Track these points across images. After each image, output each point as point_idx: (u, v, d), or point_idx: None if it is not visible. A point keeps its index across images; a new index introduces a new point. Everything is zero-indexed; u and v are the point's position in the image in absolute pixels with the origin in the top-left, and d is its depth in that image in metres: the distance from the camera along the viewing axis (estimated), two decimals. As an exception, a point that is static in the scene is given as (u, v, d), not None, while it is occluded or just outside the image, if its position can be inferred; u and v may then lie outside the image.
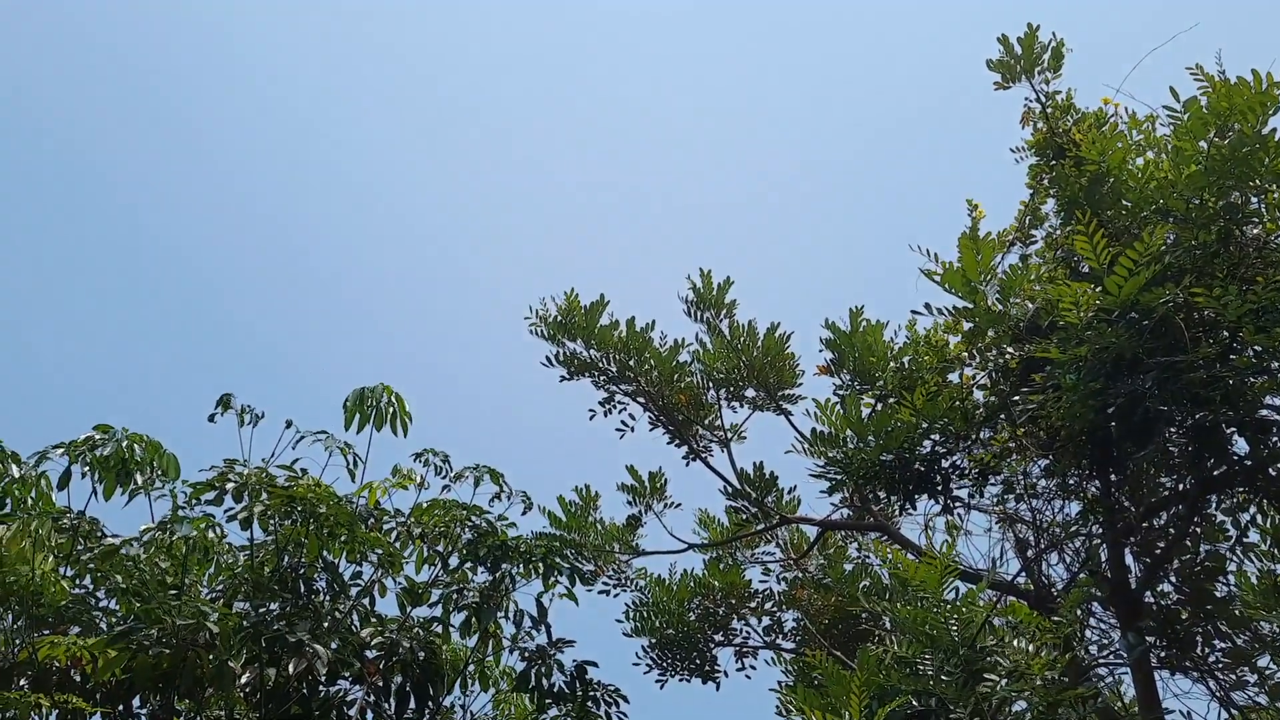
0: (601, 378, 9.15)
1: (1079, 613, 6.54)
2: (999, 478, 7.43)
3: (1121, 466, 6.85)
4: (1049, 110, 7.46)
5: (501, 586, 7.43)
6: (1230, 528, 6.74)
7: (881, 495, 7.66)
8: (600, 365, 9.07)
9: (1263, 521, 6.61)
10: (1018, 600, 6.80)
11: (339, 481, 7.20)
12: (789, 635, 9.18)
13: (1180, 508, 6.63)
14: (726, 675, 9.09)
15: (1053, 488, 7.32)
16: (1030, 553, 7.42)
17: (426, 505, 7.70)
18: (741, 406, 9.16)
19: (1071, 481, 7.22)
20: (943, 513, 7.52)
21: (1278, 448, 5.95)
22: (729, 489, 8.93)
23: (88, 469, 6.82)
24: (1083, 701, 5.24)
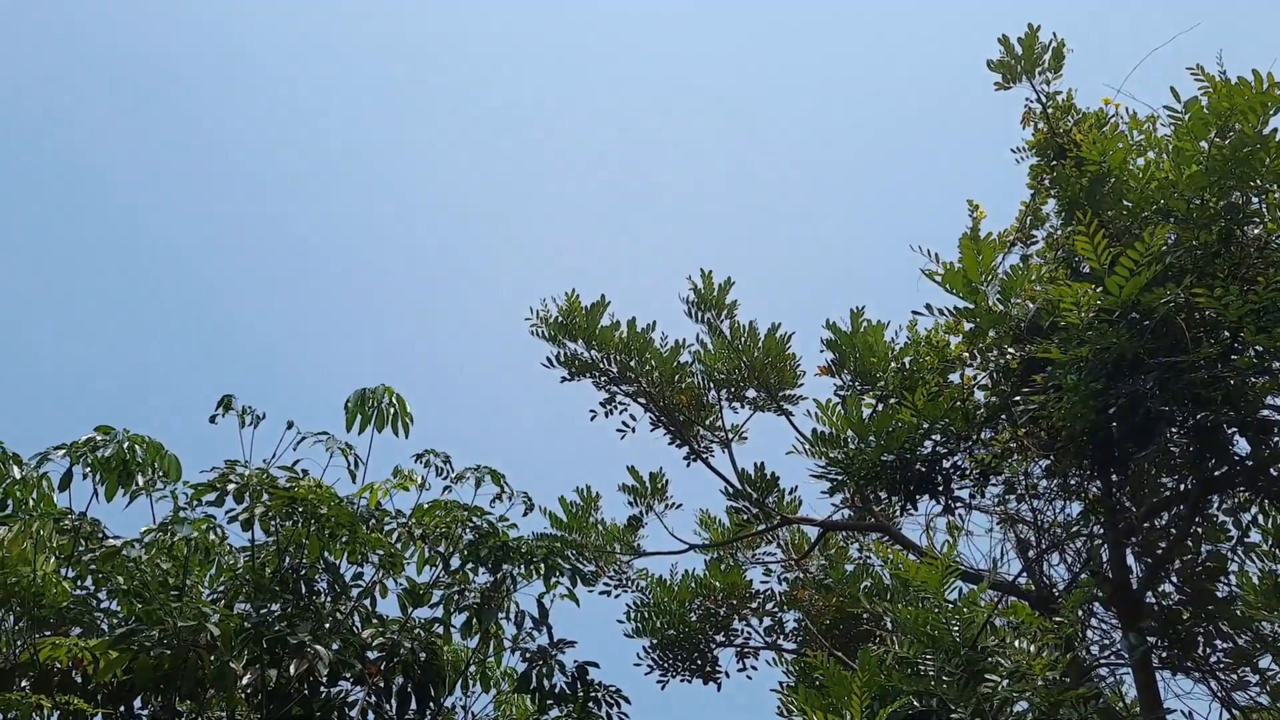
0: (602, 378, 9.15)
1: (1080, 613, 6.55)
2: (1000, 478, 7.43)
3: (1123, 467, 6.85)
4: (1050, 110, 7.47)
5: (503, 587, 7.43)
6: (1232, 528, 6.75)
7: (883, 496, 7.67)
8: (601, 366, 9.07)
9: (1264, 522, 6.61)
10: (1019, 601, 6.77)
11: (340, 482, 7.20)
12: (790, 636, 9.18)
13: (1182, 508, 6.63)
14: (728, 676, 9.09)
15: (1054, 488, 7.33)
16: (1031, 553, 7.43)
17: (428, 506, 7.69)
18: (742, 407, 9.16)
19: (1073, 482, 7.22)
20: (944, 513, 7.53)
21: (1279, 448, 5.95)
22: (730, 489, 8.92)
23: (89, 470, 6.81)
24: (1084, 702, 5.23)
